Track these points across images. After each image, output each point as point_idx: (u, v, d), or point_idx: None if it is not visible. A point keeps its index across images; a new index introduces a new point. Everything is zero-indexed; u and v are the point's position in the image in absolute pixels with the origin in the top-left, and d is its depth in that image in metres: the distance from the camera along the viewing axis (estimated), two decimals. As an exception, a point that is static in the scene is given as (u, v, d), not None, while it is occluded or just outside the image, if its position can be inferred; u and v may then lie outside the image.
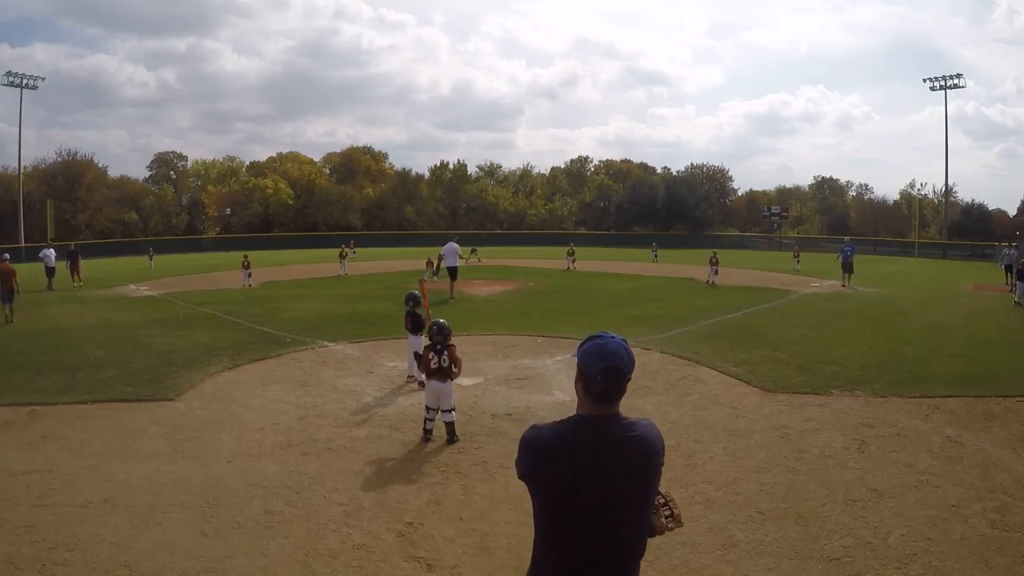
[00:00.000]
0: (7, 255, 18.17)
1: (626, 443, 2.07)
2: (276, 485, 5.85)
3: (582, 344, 2.17)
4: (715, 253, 25.19)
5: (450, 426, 6.96)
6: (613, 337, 2.13)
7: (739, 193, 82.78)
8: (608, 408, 2.09)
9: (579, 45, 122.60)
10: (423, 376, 9.12)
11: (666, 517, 2.23)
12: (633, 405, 8.14)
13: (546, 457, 2.07)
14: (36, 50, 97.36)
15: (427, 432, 7.01)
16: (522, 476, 2.14)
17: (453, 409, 7.04)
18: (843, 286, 22.46)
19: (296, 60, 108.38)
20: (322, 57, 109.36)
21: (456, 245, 20.56)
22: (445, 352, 7.02)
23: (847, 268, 22.93)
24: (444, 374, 6.98)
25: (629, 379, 2.10)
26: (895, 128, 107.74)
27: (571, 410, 2.17)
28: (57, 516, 5.23)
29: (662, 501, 2.25)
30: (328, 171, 76.74)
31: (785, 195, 79.97)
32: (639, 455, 2.08)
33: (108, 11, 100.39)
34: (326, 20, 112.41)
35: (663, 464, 2.15)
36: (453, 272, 19.98)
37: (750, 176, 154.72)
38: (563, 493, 2.04)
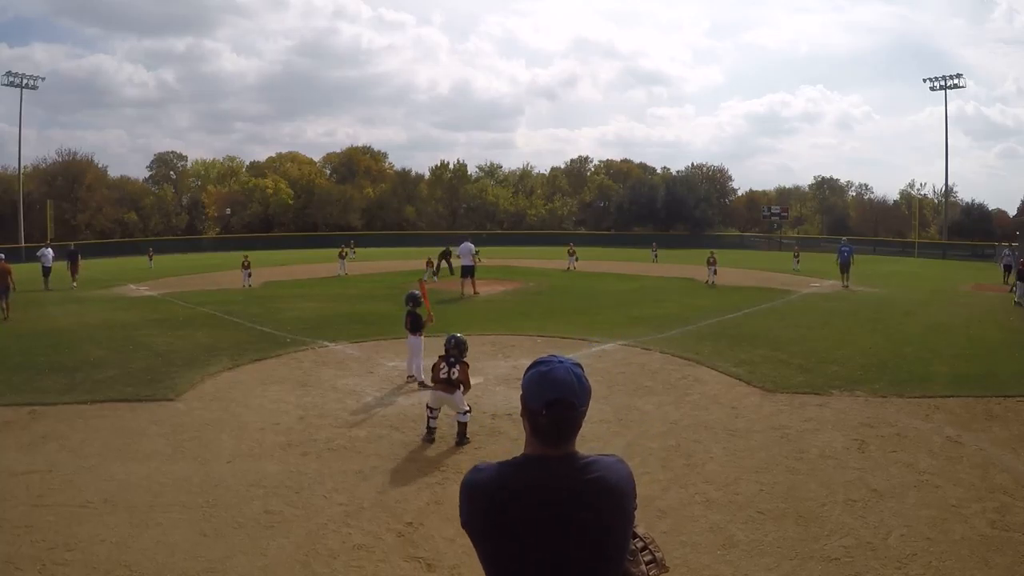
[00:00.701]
0: (1, 254, 18.29)
1: (583, 487, 1.74)
2: (276, 485, 5.85)
3: (527, 370, 1.84)
4: (712, 253, 25.16)
5: (462, 427, 6.94)
6: (562, 362, 1.80)
7: (739, 193, 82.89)
8: (559, 448, 1.77)
9: (579, 45, 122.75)
10: (423, 376, 9.15)
11: (647, 563, 1.98)
12: (633, 405, 8.15)
13: (487, 504, 1.76)
14: (35, 50, 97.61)
15: (430, 431, 6.99)
16: (463, 525, 1.83)
17: (468, 411, 7.03)
18: (844, 286, 22.41)
19: (295, 60, 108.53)
20: (321, 57, 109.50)
21: (471, 244, 20.96)
22: (457, 367, 6.95)
23: (845, 268, 22.84)
24: (452, 386, 6.91)
25: (583, 412, 1.78)
26: (895, 128, 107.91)
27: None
28: (57, 516, 5.23)
29: (641, 545, 1.99)
30: (328, 171, 76.76)
31: (785, 195, 79.99)
32: (599, 501, 1.75)
33: (107, 11, 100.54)
34: (325, 20, 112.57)
35: (636, 507, 1.84)
36: (470, 271, 20.33)
37: (750, 176, 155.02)
38: (507, 547, 1.75)
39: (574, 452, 1.80)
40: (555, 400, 1.74)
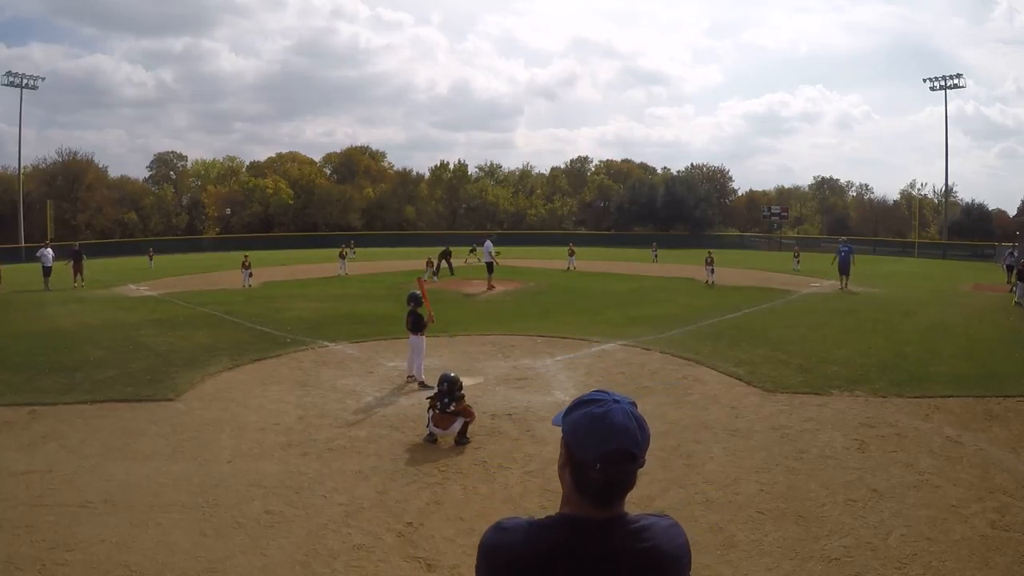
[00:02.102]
0: None
1: (632, 560, 1.42)
2: (276, 485, 5.85)
3: (569, 410, 1.48)
4: (710, 253, 25.16)
5: (465, 426, 6.94)
6: (618, 401, 1.45)
7: (739, 193, 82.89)
8: (608, 509, 1.45)
9: (577, 45, 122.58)
10: (423, 376, 9.15)
11: None
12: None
13: (513, 574, 1.44)
14: (33, 50, 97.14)
15: (431, 433, 6.98)
16: None
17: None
18: (841, 289, 21.77)
19: (293, 60, 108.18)
20: (319, 57, 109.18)
21: (491, 243, 22.77)
22: (453, 404, 6.88)
23: (844, 270, 22.10)
24: (451, 416, 6.85)
25: (642, 463, 1.44)
26: (895, 128, 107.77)
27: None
28: (57, 516, 5.24)
29: None
30: (328, 171, 76.79)
31: (785, 195, 79.97)
32: (651, 574, 1.44)
33: (104, 11, 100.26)
34: (323, 19, 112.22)
35: None
36: (489, 267, 22.20)
37: (750, 176, 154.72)
38: None
39: (623, 514, 1.47)
40: (612, 451, 1.40)
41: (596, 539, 1.42)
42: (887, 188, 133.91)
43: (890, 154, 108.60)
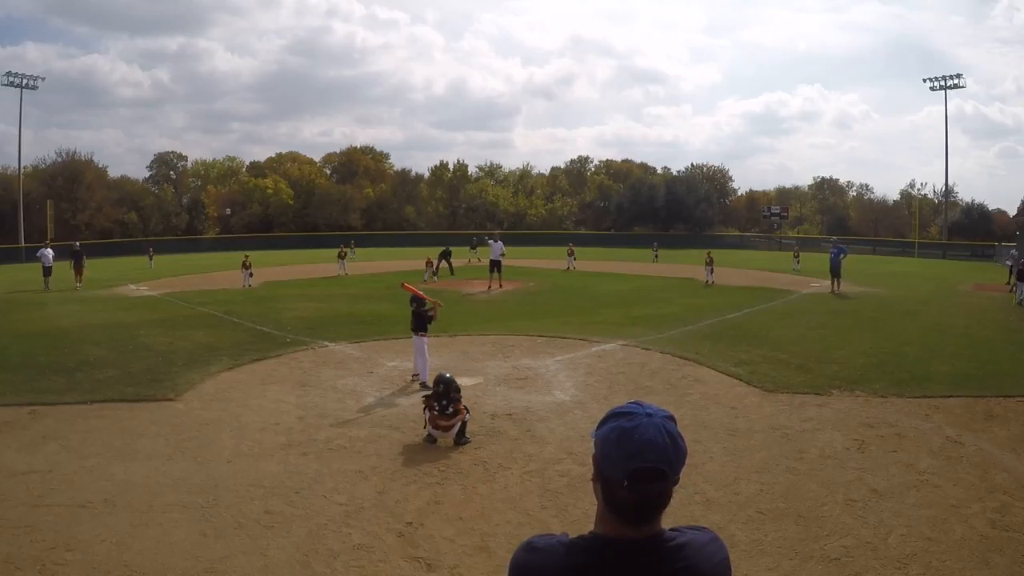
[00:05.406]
0: None
1: None
2: (276, 485, 5.86)
3: (602, 422, 1.44)
4: (709, 253, 25.18)
5: (462, 427, 6.95)
6: (650, 415, 1.39)
7: (739, 193, 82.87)
8: (640, 528, 1.39)
9: (575, 43, 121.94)
10: (426, 376, 9.16)
11: None
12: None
13: None
14: (28, 50, 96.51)
15: (431, 434, 6.99)
16: None
17: (467, 412, 7.07)
18: (833, 292, 20.88)
19: (289, 59, 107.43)
20: (316, 56, 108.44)
21: (491, 243, 23.05)
22: (451, 407, 6.87)
23: (835, 272, 21.24)
24: (450, 418, 6.85)
25: (676, 481, 1.40)
26: (894, 128, 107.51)
27: (574, 412, 1.93)
28: (57, 516, 5.24)
29: None
30: (328, 171, 76.81)
31: (785, 195, 79.92)
32: None
33: (98, 10, 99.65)
34: (318, 19, 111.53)
35: None
36: (497, 265, 22.12)
37: (749, 176, 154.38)
38: None
39: (659, 532, 1.42)
40: (640, 469, 1.34)
41: (629, 561, 1.38)
42: (887, 188, 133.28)
43: (889, 154, 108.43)
